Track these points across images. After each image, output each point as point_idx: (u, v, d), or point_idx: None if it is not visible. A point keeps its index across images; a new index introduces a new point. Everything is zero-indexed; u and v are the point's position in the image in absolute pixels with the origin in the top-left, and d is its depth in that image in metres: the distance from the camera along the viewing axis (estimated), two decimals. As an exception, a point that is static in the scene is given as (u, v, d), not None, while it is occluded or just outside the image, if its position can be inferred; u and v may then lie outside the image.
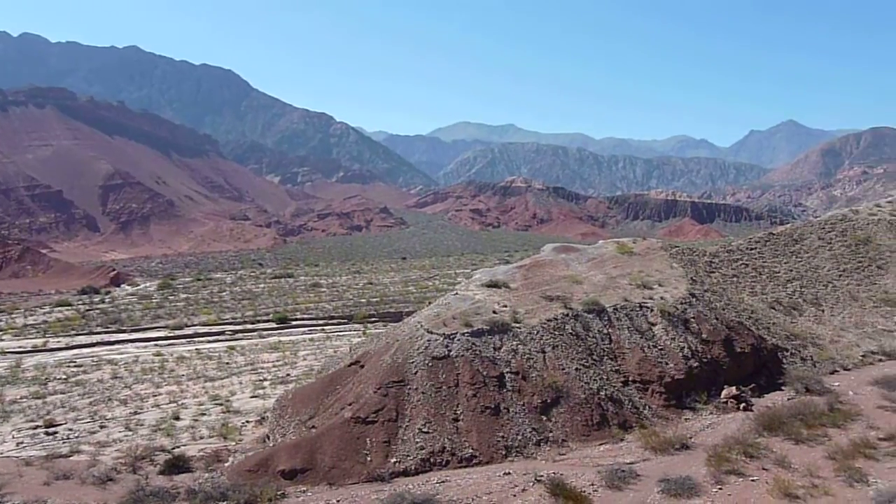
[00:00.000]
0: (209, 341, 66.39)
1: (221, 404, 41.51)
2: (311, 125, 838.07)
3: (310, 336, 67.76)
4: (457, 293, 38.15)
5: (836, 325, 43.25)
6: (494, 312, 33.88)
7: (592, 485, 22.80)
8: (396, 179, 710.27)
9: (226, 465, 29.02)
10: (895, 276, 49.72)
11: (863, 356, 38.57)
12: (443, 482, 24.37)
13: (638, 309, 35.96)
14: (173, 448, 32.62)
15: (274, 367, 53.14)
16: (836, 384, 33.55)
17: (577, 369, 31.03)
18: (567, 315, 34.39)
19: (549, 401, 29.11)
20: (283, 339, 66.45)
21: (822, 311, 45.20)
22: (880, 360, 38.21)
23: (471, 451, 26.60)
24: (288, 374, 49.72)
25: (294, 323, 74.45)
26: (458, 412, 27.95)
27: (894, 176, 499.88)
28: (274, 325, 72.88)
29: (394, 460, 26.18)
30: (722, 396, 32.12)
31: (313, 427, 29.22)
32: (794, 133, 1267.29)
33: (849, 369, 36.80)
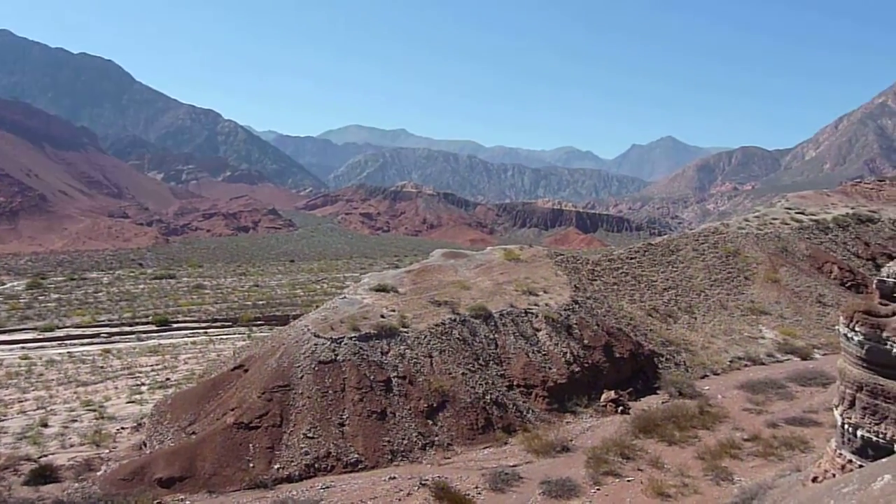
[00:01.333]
0: (82, 344, 63.15)
1: (94, 410, 39.55)
2: (198, 122, 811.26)
3: (192, 339, 65.57)
4: (345, 297, 37.98)
5: (708, 332, 45.69)
6: (382, 317, 33.93)
7: (476, 488, 23.19)
8: (286, 181, 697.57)
9: (98, 474, 27.70)
10: (760, 287, 52.98)
11: (731, 361, 41.01)
12: (327, 488, 24.19)
13: (523, 315, 36.86)
14: (40, 457, 30.86)
15: (153, 371, 51.11)
16: (707, 388, 35.52)
17: (463, 374, 31.45)
18: (455, 320, 34.85)
19: (435, 405, 29.38)
20: (163, 342, 64.04)
21: (695, 318, 47.64)
22: (746, 366, 40.77)
23: (356, 455, 26.49)
24: (167, 379, 47.94)
25: (175, 325, 71.86)
26: (345, 417, 27.80)
27: (761, 192, 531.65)
28: (154, 328, 70.10)
29: (277, 466, 25.76)
30: (602, 400, 33.35)
31: (193, 433, 28.37)
32: (673, 149, 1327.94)
33: (718, 374, 39.05)
